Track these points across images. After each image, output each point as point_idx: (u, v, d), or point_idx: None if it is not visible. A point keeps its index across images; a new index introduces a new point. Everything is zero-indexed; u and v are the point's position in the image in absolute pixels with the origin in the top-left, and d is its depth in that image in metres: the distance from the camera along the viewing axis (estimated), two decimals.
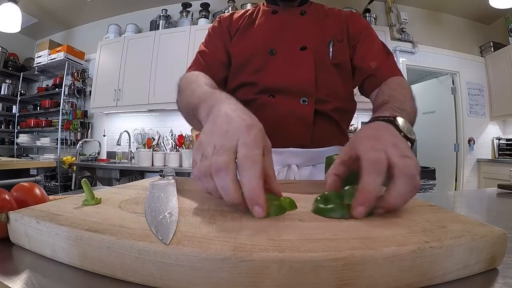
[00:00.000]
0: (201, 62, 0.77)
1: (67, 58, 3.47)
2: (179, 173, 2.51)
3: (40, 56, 3.68)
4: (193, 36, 2.96)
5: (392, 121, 0.42)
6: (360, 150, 0.34)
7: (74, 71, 3.58)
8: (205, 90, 0.50)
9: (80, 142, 3.25)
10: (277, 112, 0.72)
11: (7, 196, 0.33)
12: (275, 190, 0.36)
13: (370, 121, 0.45)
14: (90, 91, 3.48)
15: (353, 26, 0.79)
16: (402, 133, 0.41)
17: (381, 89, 0.68)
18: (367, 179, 0.31)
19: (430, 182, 2.56)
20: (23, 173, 1.78)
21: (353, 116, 0.84)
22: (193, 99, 0.49)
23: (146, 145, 2.82)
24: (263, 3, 0.86)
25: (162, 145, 2.84)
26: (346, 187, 0.36)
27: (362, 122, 2.91)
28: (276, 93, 0.73)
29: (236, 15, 0.85)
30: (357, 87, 0.81)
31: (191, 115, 0.49)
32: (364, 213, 0.30)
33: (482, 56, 3.62)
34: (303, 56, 0.73)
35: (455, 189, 3.42)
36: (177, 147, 2.75)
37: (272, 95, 0.73)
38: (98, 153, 3.49)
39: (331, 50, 0.74)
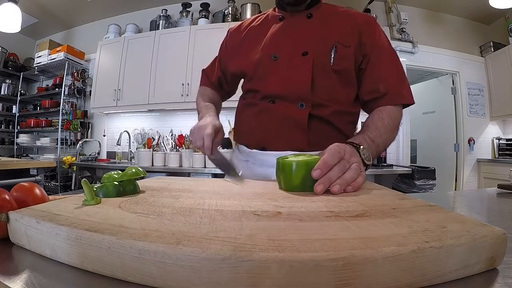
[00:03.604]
0: (207, 81, 0.99)
1: (67, 58, 3.47)
2: (179, 173, 2.51)
3: (40, 56, 3.67)
4: (193, 36, 2.96)
5: (357, 148, 0.58)
6: (329, 147, 0.51)
7: (74, 71, 3.58)
8: (204, 104, 0.86)
9: (80, 142, 3.25)
10: (275, 117, 0.75)
11: (7, 196, 0.33)
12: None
13: (346, 142, 0.61)
14: (90, 91, 3.47)
15: (367, 36, 0.76)
16: (361, 157, 0.57)
17: (372, 115, 0.75)
18: (327, 155, 0.48)
19: (430, 182, 2.56)
20: (23, 173, 1.78)
21: (356, 118, 0.83)
22: (199, 107, 0.88)
23: (146, 145, 2.82)
24: (274, 8, 0.88)
25: (162, 145, 2.84)
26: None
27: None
28: (276, 98, 0.76)
29: (245, 24, 0.91)
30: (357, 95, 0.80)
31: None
32: (317, 176, 0.45)
33: (482, 56, 3.62)
34: (303, 61, 0.74)
35: (455, 189, 3.42)
36: (177, 147, 2.75)
37: (273, 101, 0.77)
38: (98, 153, 3.49)
39: (332, 56, 0.74)
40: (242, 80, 0.91)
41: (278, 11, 0.85)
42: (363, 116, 0.77)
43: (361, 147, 0.59)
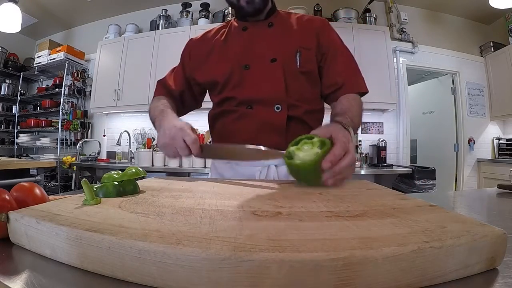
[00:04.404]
0: (166, 92, 0.92)
1: (67, 58, 3.47)
2: (179, 173, 2.51)
3: (40, 56, 3.67)
4: (193, 36, 2.95)
5: (347, 129, 0.62)
6: (336, 135, 0.56)
7: (74, 71, 3.58)
8: (160, 110, 0.80)
9: (80, 142, 3.25)
10: (254, 122, 0.79)
11: (7, 196, 0.33)
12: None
13: (334, 121, 0.66)
14: (90, 91, 3.47)
15: (323, 38, 0.84)
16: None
17: (340, 101, 0.80)
18: (337, 147, 0.52)
19: (430, 182, 2.56)
20: (23, 173, 1.78)
21: (322, 115, 0.88)
22: (155, 113, 0.80)
23: (146, 145, 2.82)
24: (234, 19, 0.91)
25: None
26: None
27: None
28: (253, 104, 0.80)
29: (208, 35, 0.92)
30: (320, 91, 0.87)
31: (153, 124, 0.81)
32: (328, 168, 0.50)
33: (482, 56, 3.62)
34: (273, 67, 0.79)
35: (455, 189, 3.41)
36: None
37: (250, 106, 0.80)
38: (98, 153, 3.49)
39: (298, 59, 0.80)
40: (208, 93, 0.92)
41: (239, 22, 0.88)
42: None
43: (350, 129, 0.63)
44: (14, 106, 4.02)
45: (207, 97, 0.98)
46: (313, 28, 0.85)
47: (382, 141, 2.97)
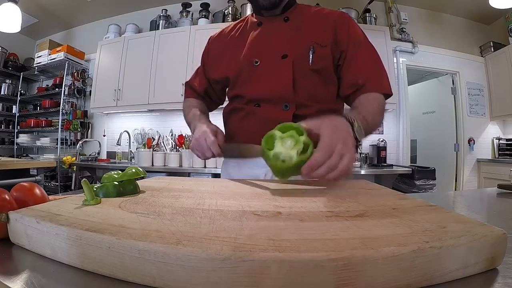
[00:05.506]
0: (193, 92, 0.97)
1: (67, 58, 3.47)
2: (179, 173, 2.51)
3: (40, 56, 3.67)
4: (193, 36, 2.95)
5: (352, 123, 0.57)
6: (324, 133, 0.49)
7: (74, 71, 3.58)
8: (193, 114, 0.86)
9: (80, 142, 3.25)
10: (261, 120, 0.77)
11: (7, 196, 0.33)
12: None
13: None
14: (90, 91, 3.47)
15: (341, 32, 0.78)
16: (354, 133, 0.56)
17: (358, 99, 0.75)
18: (319, 154, 0.46)
19: (430, 182, 2.56)
20: (23, 173, 1.78)
21: (340, 115, 0.84)
22: (189, 119, 0.88)
23: (146, 145, 2.82)
24: (252, 14, 0.90)
25: (162, 145, 2.84)
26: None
27: None
28: (261, 102, 0.78)
29: (225, 31, 0.92)
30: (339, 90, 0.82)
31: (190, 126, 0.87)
32: (307, 174, 0.45)
33: (482, 56, 3.61)
34: (283, 64, 0.77)
35: (455, 189, 3.41)
36: (177, 147, 2.75)
37: (258, 104, 0.79)
38: (98, 153, 3.49)
39: (311, 56, 0.76)
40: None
41: (256, 17, 0.87)
42: None
43: (355, 123, 0.58)
44: (14, 106, 4.02)
45: None
46: (330, 23, 0.79)
47: (382, 141, 2.96)
